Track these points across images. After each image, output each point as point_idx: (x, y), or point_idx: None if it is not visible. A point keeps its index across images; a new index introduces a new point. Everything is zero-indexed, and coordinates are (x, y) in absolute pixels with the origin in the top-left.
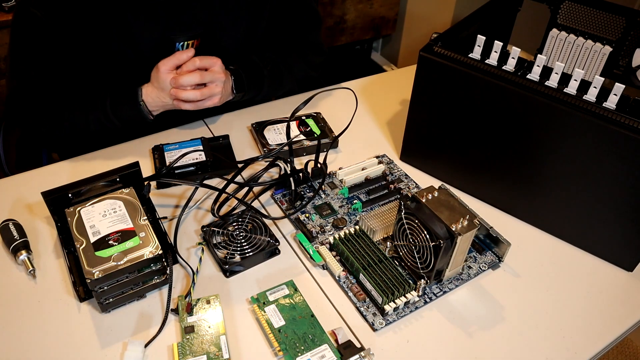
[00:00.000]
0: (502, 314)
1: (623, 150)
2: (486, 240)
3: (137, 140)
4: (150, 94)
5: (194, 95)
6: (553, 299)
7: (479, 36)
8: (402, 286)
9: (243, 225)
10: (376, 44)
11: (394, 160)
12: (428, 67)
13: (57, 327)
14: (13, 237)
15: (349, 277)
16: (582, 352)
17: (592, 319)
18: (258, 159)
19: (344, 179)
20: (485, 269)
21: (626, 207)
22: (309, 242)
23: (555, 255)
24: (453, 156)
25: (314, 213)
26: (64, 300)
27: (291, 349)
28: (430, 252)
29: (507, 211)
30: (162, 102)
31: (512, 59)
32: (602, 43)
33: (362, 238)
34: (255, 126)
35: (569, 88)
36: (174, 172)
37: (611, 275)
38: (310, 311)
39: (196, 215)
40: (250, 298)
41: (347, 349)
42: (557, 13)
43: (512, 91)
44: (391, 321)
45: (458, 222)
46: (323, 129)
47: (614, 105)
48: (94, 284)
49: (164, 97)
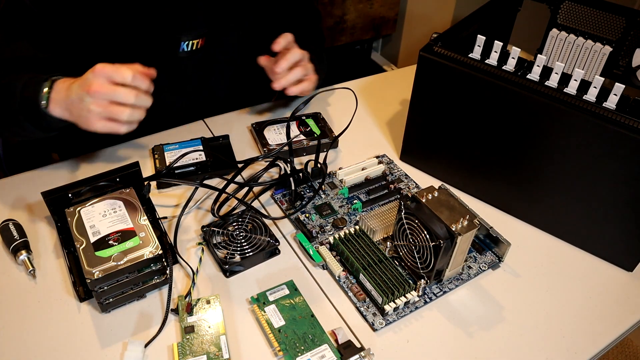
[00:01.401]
0: (502, 314)
1: (623, 150)
2: (486, 240)
3: (137, 140)
4: (64, 91)
5: (308, 87)
6: (553, 299)
7: (479, 36)
8: (402, 286)
9: (243, 225)
10: (376, 44)
11: (394, 160)
12: (428, 67)
13: (57, 327)
14: (13, 237)
15: (349, 277)
16: (582, 352)
17: (592, 319)
18: (258, 159)
19: (344, 179)
20: (485, 269)
21: (626, 207)
22: (309, 242)
23: (555, 255)
24: (453, 156)
25: (314, 213)
26: (64, 300)
27: (291, 349)
28: (430, 252)
29: (507, 211)
30: (75, 108)
31: (512, 59)
32: (602, 43)
33: (362, 238)
34: (255, 126)
35: (569, 88)
36: (174, 172)
37: (611, 275)
38: (310, 311)
39: (196, 215)
40: (250, 298)
41: (347, 349)
42: (557, 13)
43: (512, 91)
44: (391, 321)
45: (458, 222)
46: (323, 129)
47: (614, 105)
48: (94, 284)
49: (83, 104)
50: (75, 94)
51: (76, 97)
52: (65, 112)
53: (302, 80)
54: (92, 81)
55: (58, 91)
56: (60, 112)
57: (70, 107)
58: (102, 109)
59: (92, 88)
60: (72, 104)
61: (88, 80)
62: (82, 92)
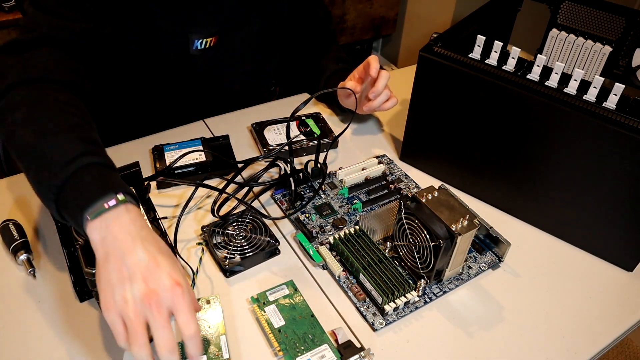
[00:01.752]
0: (502, 314)
1: (623, 150)
2: (486, 240)
3: (137, 140)
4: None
5: (395, 102)
6: (553, 299)
7: (479, 36)
8: (402, 286)
9: (243, 225)
10: (376, 44)
11: (394, 160)
12: (428, 67)
13: (57, 327)
14: (13, 237)
15: (349, 277)
16: (582, 352)
17: (592, 319)
18: (258, 159)
19: (344, 179)
20: (485, 269)
21: (626, 207)
22: (309, 242)
23: (555, 255)
24: (453, 156)
25: (314, 213)
26: (64, 300)
27: (291, 349)
28: (430, 252)
29: (507, 211)
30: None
31: (512, 59)
32: (602, 43)
33: (362, 238)
34: (255, 126)
35: (569, 88)
36: (174, 172)
37: (611, 275)
38: (310, 311)
39: (196, 215)
40: (250, 298)
41: (347, 349)
42: (557, 13)
43: (512, 91)
44: (391, 321)
45: (458, 222)
46: (323, 129)
47: (613, 105)
48: (94, 284)
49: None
50: (134, 264)
51: (128, 270)
52: (101, 251)
53: (391, 96)
54: (158, 299)
55: (120, 226)
56: (96, 240)
57: (113, 259)
58: (134, 319)
59: (153, 304)
60: (116, 262)
61: (158, 291)
62: (140, 279)
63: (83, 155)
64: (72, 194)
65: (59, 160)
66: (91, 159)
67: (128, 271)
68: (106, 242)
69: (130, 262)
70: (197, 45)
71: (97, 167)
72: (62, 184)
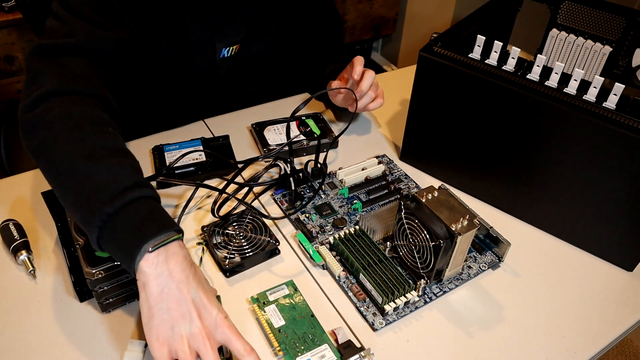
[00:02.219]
0: (502, 314)
1: (623, 150)
2: (486, 240)
3: (137, 140)
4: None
5: (382, 102)
6: (553, 299)
7: (479, 36)
8: (402, 286)
9: (243, 225)
10: (376, 44)
11: (394, 160)
12: (428, 67)
13: (57, 327)
14: (13, 237)
15: (349, 277)
16: (582, 352)
17: (592, 319)
18: (258, 159)
19: (344, 179)
20: (485, 269)
21: (626, 207)
22: (309, 242)
23: (555, 255)
24: (453, 156)
25: (314, 213)
26: (64, 300)
27: (291, 349)
28: (430, 252)
29: (507, 211)
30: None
31: (512, 59)
32: (602, 43)
33: (362, 238)
34: (255, 126)
35: (568, 88)
36: (174, 172)
37: (611, 275)
38: (310, 311)
39: (196, 215)
40: (250, 298)
41: (347, 349)
42: (557, 13)
43: (512, 91)
44: (391, 321)
45: (458, 222)
46: (323, 129)
47: (613, 105)
48: (94, 284)
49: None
50: (190, 302)
51: (187, 308)
52: (154, 285)
53: (376, 97)
54: (212, 335)
55: (177, 263)
56: (150, 274)
57: (168, 297)
58: (189, 353)
59: (208, 339)
60: (173, 300)
61: (211, 328)
62: (196, 317)
63: (137, 187)
64: (126, 224)
65: (111, 187)
66: (145, 191)
67: (186, 309)
68: (162, 278)
69: (187, 300)
70: (224, 54)
71: (150, 201)
72: (114, 212)
